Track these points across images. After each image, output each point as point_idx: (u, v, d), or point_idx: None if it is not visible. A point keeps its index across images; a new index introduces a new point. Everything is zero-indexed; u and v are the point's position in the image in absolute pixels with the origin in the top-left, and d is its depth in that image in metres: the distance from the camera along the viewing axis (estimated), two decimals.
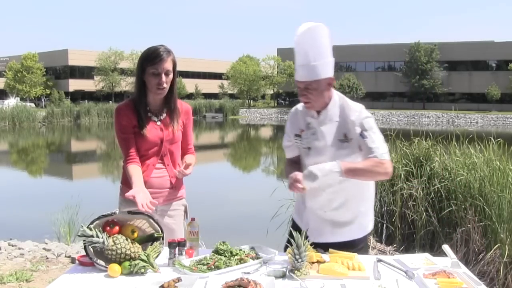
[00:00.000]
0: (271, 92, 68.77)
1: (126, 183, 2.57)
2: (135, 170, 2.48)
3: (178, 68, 2.76)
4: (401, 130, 6.29)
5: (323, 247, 2.30)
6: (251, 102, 65.85)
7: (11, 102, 46.64)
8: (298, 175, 2.27)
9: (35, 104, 53.37)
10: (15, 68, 54.85)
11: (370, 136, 2.32)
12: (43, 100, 55.70)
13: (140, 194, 2.29)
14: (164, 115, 2.64)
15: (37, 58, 55.58)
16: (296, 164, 2.53)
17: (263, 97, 71.09)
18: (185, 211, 2.75)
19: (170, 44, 2.58)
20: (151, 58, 2.48)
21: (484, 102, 52.89)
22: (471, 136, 5.60)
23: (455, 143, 5.51)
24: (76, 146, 27.89)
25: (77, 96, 58.60)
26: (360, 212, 2.47)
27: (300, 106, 2.53)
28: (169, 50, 2.53)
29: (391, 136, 5.99)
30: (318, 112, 2.40)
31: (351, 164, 2.28)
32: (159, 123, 2.62)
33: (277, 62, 61.56)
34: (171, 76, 2.54)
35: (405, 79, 55.74)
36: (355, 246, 2.41)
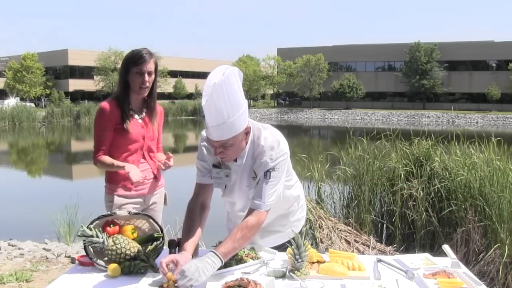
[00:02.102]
0: (271, 92, 68.78)
1: (111, 181, 2.81)
2: (108, 157, 2.74)
3: (178, 68, 2.88)
4: (401, 130, 6.28)
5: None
6: (251, 102, 65.83)
7: (11, 102, 46.65)
8: (164, 263, 1.88)
9: (35, 104, 53.36)
10: (14, 68, 54.83)
11: (270, 180, 2.12)
12: (43, 100, 55.69)
13: (133, 169, 2.62)
14: (144, 114, 2.86)
15: (37, 58, 55.55)
16: (195, 221, 2.17)
17: (263, 97, 71.13)
18: (165, 198, 3.04)
19: (170, 44, 2.70)
20: (135, 60, 2.68)
21: (484, 102, 52.85)
22: (471, 136, 5.60)
23: (455, 143, 5.51)
24: (76, 146, 27.89)
25: (77, 96, 58.58)
26: (287, 222, 2.48)
27: None
28: (151, 53, 2.75)
29: (391, 136, 5.99)
30: None
31: (227, 248, 1.98)
32: (140, 121, 2.83)
33: (277, 62, 61.56)
34: (153, 76, 2.75)
35: (405, 79, 55.71)
36: (281, 246, 2.42)
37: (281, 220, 2.47)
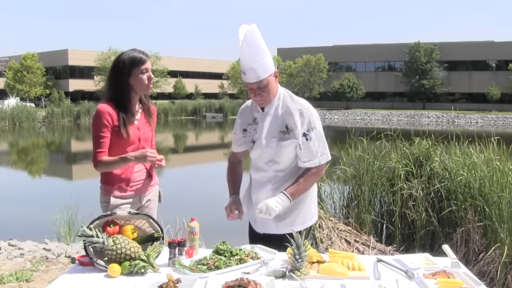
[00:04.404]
0: None
1: (106, 182, 2.80)
2: (109, 157, 2.73)
3: (178, 68, 2.89)
4: (401, 130, 6.28)
5: (267, 238, 2.51)
6: None
7: (11, 102, 46.62)
8: (234, 206, 2.56)
9: (35, 104, 53.33)
10: (15, 68, 54.80)
11: (313, 137, 2.48)
12: (43, 100, 55.65)
13: (142, 153, 2.67)
14: (139, 115, 2.86)
15: (37, 58, 55.53)
16: (236, 175, 2.76)
17: None
18: (159, 196, 3.05)
19: (170, 44, 2.72)
20: (138, 60, 2.73)
21: (484, 102, 52.87)
22: (471, 136, 5.60)
23: (455, 143, 5.51)
24: (76, 146, 27.88)
25: (77, 96, 58.53)
26: (302, 207, 2.58)
27: (249, 102, 2.66)
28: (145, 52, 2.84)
29: (392, 136, 5.99)
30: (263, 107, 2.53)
31: (294, 189, 2.45)
32: (136, 122, 2.82)
33: (277, 62, 61.51)
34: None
35: (405, 79, 55.72)
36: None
37: (299, 205, 2.56)
